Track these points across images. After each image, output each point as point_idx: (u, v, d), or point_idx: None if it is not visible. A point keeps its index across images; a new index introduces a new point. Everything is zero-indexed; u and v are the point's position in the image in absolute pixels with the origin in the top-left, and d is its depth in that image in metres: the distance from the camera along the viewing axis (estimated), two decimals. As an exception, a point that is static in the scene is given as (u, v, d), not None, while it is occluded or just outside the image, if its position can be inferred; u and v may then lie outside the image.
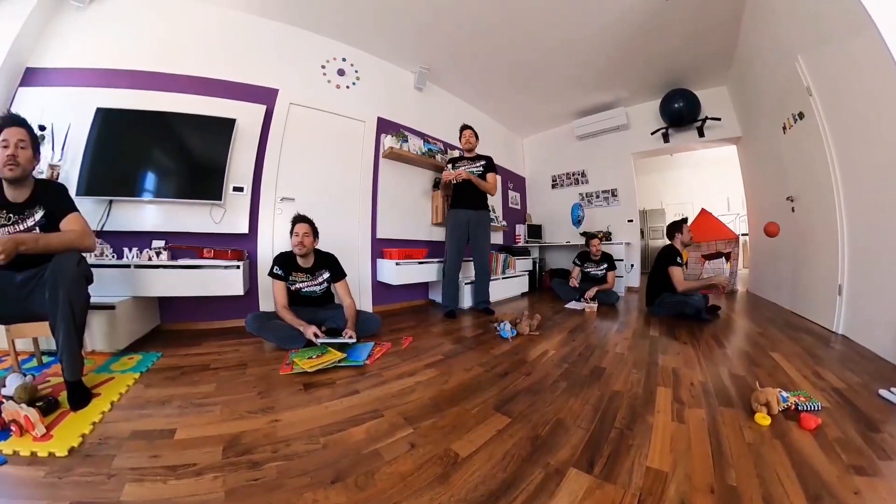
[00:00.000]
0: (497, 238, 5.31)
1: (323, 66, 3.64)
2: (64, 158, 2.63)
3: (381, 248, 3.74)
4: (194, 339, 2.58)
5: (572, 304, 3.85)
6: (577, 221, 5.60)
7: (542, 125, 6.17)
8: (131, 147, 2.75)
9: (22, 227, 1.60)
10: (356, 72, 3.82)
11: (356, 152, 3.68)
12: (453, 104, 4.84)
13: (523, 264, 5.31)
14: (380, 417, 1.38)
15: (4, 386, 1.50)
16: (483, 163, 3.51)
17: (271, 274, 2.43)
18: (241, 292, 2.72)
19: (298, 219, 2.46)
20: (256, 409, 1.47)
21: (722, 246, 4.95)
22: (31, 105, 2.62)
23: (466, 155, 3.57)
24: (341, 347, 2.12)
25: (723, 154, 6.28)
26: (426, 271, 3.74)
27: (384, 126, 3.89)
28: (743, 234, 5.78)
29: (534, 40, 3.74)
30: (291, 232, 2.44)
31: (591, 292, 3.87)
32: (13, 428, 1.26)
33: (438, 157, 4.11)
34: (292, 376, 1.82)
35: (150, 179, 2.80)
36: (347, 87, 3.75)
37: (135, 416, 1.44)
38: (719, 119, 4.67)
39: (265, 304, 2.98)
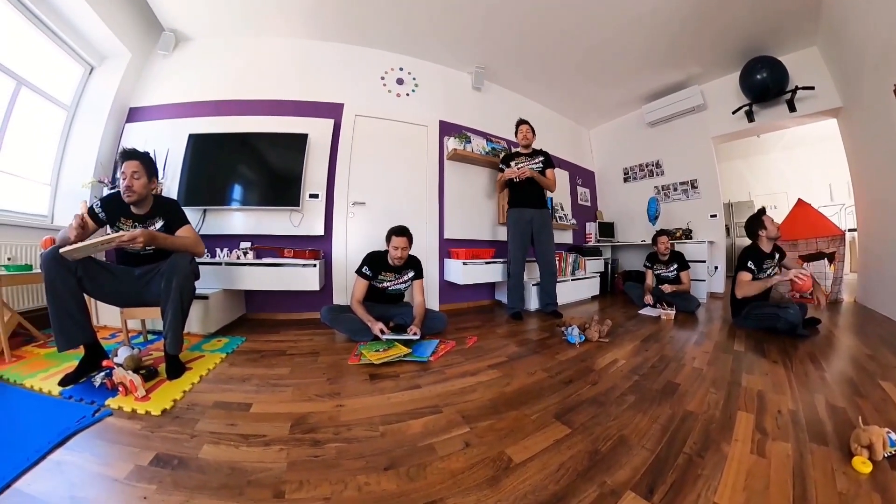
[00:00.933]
0: (566, 237, 5.06)
1: (382, 78, 3.83)
2: (165, 177, 3.19)
3: (448, 248, 3.77)
4: (274, 328, 2.89)
5: (647, 311, 3.52)
6: (654, 218, 4.97)
7: (609, 114, 5.64)
8: (220, 164, 3.24)
9: (151, 227, 1.98)
10: (414, 79, 3.95)
11: (421, 156, 3.79)
12: (513, 101, 4.71)
13: (594, 265, 4.94)
14: (438, 413, 1.39)
15: (116, 355, 1.80)
16: (542, 158, 3.38)
17: (359, 272, 2.55)
18: (317, 288, 2.97)
19: (397, 231, 2.52)
20: (324, 393, 1.59)
21: (824, 245, 4.00)
22: (137, 137, 3.25)
23: (523, 151, 3.47)
24: (407, 343, 2.19)
25: (821, 131, 5.11)
26: (492, 271, 3.69)
27: (446, 129, 3.96)
28: (850, 230, 4.61)
29: (592, 23, 3.47)
30: (389, 242, 2.53)
31: (667, 287, 3.64)
32: (120, 389, 1.57)
33: (503, 155, 4.06)
34: (359, 366, 1.92)
35: (237, 191, 3.26)
36: (407, 94, 3.90)
37: (218, 389, 1.68)
38: (812, 88, 3.75)
39: (339, 299, 3.23)
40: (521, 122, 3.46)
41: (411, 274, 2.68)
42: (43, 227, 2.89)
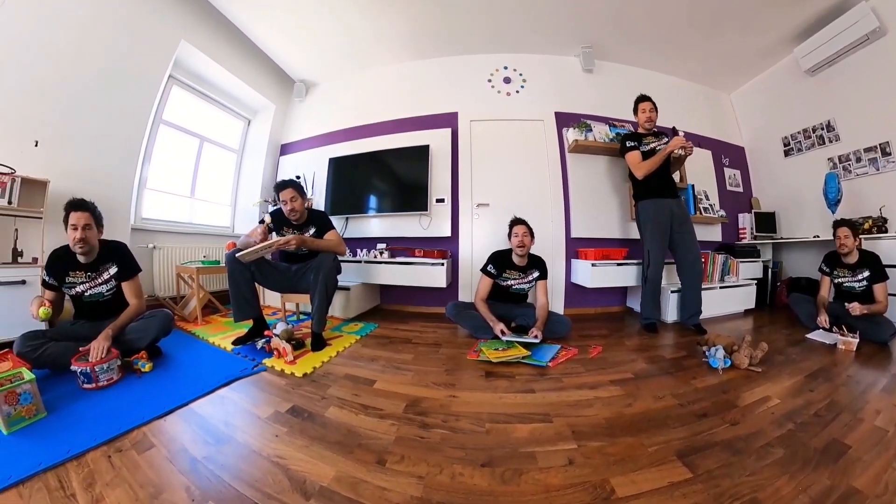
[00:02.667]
0: (712, 233, 4.02)
1: (489, 80, 3.81)
2: (314, 194, 4.07)
3: (575, 247, 3.48)
4: (403, 318, 3.22)
5: (818, 335, 2.53)
6: (835, 202, 3.39)
7: (751, 68, 4.16)
8: (357, 180, 3.87)
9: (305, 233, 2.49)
10: (520, 75, 3.82)
11: (540, 151, 3.62)
12: (631, 76, 3.98)
13: (749, 269, 3.78)
14: (547, 423, 1.33)
15: (275, 328, 2.38)
16: (667, 140, 2.81)
17: (484, 270, 2.58)
18: (444, 285, 3.19)
19: (517, 221, 2.56)
20: (440, 382, 1.71)
21: None
22: (289, 166, 4.38)
23: (646, 132, 2.89)
24: (527, 345, 2.15)
25: None
26: (625, 274, 3.26)
27: (563, 120, 3.66)
28: None
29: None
30: (510, 233, 2.56)
31: (856, 308, 2.45)
32: (275, 353, 2.09)
33: (624, 135, 3.44)
34: (477, 363, 1.98)
35: (373, 200, 3.82)
36: (517, 91, 3.79)
37: (350, 364, 2.01)
38: None
39: (464, 295, 3.38)
40: (640, 99, 2.89)
41: (535, 274, 2.62)
42: (226, 235, 4.22)
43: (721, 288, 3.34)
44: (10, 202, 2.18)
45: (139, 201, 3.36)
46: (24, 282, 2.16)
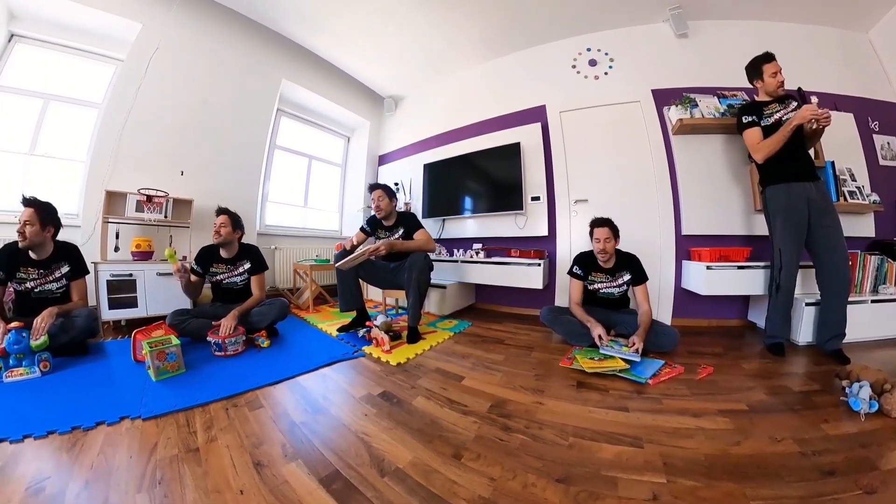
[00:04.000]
0: (862, 226, 2.79)
1: (574, 66, 3.48)
2: (412, 198, 4.38)
3: (687, 247, 2.94)
4: (497, 318, 3.20)
5: None
6: None
7: None
8: (451, 183, 3.98)
9: (394, 236, 2.69)
10: (606, 55, 3.38)
11: (639, 137, 3.15)
12: (734, 32, 3.14)
13: None
14: (637, 448, 1.17)
15: (376, 319, 2.57)
16: (795, 105, 2.18)
17: (570, 272, 2.46)
18: (540, 286, 3.08)
19: (598, 222, 2.34)
20: (528, 387, 1.65)
21: None
22: (388, 175, 4.82)
23: (768, 99, 2.26)
24: (626, 359, 1.92)
25: None
26: (747, 280, 2.61)
27: (662, 97, 3.11)
28: None
29: None
30: (591, 235, 2.36)
31: None
32: (374, 342, 2.31)
33: (740, 107, 2.65)
34: (569, 371, 1.86)
35: (468, 202, 3.87)
36: (605, 73, 3.37)
37: (441, 358, 2.08)
38: None
39: (561, 299, 3.18)
40: (763, 59, 2.24)
41: (626, 276, 2.33)
42: (335, 237, 4.96)
43: (874, 302, 2.40)
44: (165, 216, 3.06)
45: (263, 212, 4.19)
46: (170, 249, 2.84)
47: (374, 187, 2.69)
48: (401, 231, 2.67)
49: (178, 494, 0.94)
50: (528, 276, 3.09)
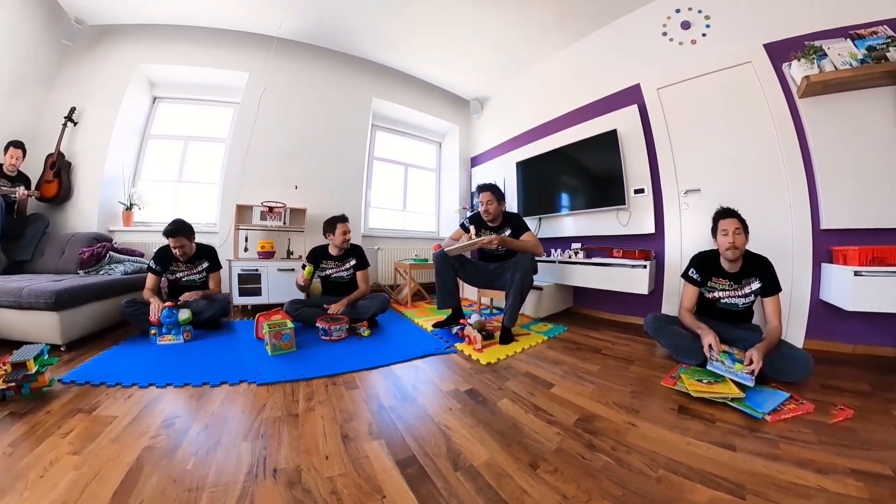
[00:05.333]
0: None
1: (664, 33, 2.95)
2: (506, 198, 4.06)
3: (827, 244, 2.25)
4: (595, 325, 2.98)
5: None
6: None
7: None
8: (545, 179, 3.80)
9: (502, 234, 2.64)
10: (700, 13, 2.76)
11: (756, 107, 2.50)
12: None
13: None
14: (738, 497, 0.94)
15: (470, 318, 2.56)
16: None
17: (686, 276, 2.07)
18: (644, 291, 2.74)
19: (725, 213, 1.94)
20: (622, 404, 1.49)
21: None
22: (481, 176, 4.78)
23: None
24: (742, 386, 1.57)
25: None
26: None
27: (779, 52, 2.39)
28: None
29: None
30: (715, 230, 1.95)
31: None
32: (466, 339, 2.34)
33: (893, 51, 1.97)
34: (671, 391, 1.61)
35: (565, 198, 3.65)
36: (702, 34, 2.76)
37: (532, 363, 2.02)
38: None
39: (669, 307, 2.79)
40: None
41: (755, 285, 1.87)
42: (432, 238, 5.14)
43: None
44: (284, 223, 3.71)
45: (366, 217, 4.71)
46: (293, 269, 3.32)
47: (483, 188, 2.67)
48: (507, 232, 2.64)
49: (275, 448, 1.15)
50: (631, 279, 2.78)
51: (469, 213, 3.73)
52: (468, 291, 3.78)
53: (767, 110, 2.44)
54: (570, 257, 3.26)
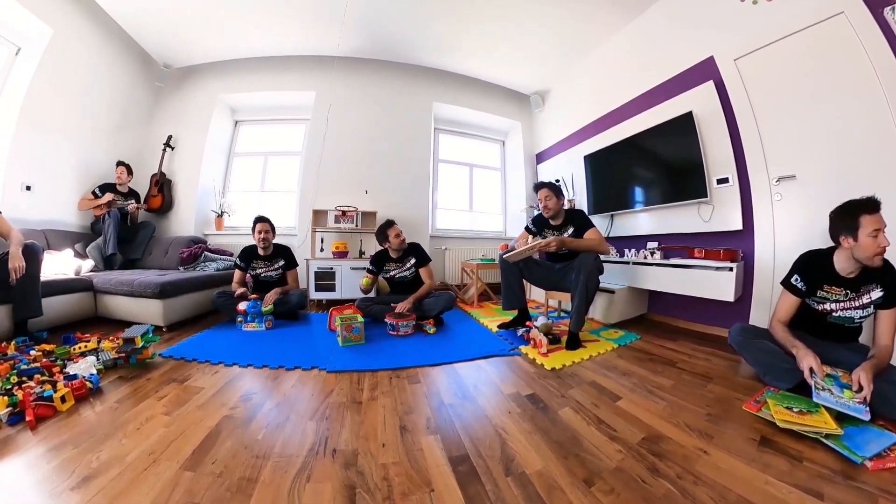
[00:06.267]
0: None
1: None
2: (575, 194, 4.10)
3: None
4: (671, 334, 2.68)
5: None
6: None
7: None
8: (616, 172, 3.51)
9: (563, 235, 2.55)
10: None
11: (856, 65, 1.97)
12: None
13: None
14: None
15: (536, 320, 2.49)
16: None
17: (787, 283, 1.70)
18: (730, 298, 2.36)
19: (868, 206, 1.45)
20: (695, 427, 1.29)
21: None
22: (547, 172, 4.60)
23: None
24: (841, 415, 1.28)
25: None
26: None
27: None
28: None
29: None
30: (846, 228, 1.50)
31: None
32: (531, 342, 2.27)
33: None
34: (754, 418, 1.37)
35: (638, 192, 3.33)
36: None
37: (599, 371, 1.89)
38: None
39: (758, 317, 2.42)
40: None
41: (876, 294, 1.51)
42: (499, 238, 5.13)
43: None
44: (356, 225, 4.04)
45: (434, 218, 4.80)
46: (364, 268, 3.48)
47: (539, 186, 2.61)
48: (570, 230, 2.55)
49: (337, 431, 1.25)
50: (714, 283, 2.43)
51: (536, 212, 3.63)
52: (536, 293, 3.68)
53: (871, 68, 1.94)
54: (644, 258, 2.95)
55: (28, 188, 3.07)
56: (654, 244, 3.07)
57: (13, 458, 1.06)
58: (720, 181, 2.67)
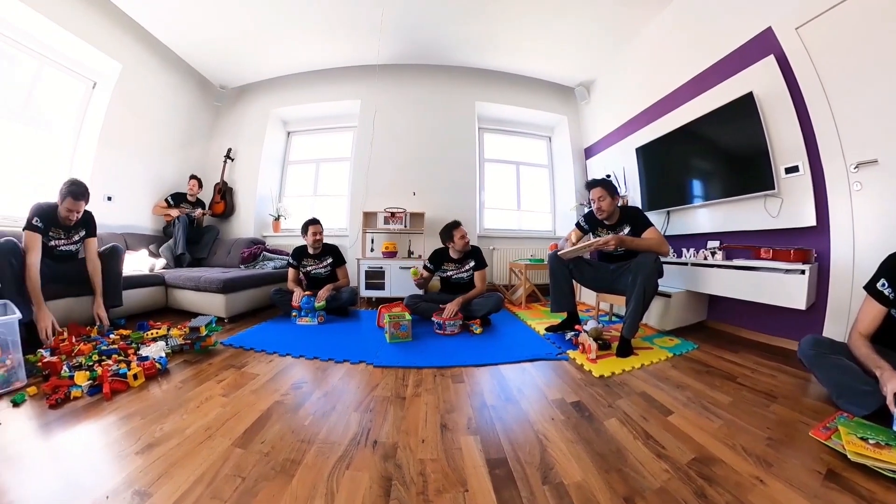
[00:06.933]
0: None
1: None
2: (628, 190, 3.85)
3: None
4: (732, 345, 2.42)
5: None
6: None
7: None
8: (671, 164, 3.26)
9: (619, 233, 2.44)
10: None
11: None
12: None
13: None
14: None
15: (586, 324, 2.35)
16: None
17: (871, 289, 1.46)
18: (801, 306, 2.08)
19: None
20: (752, 451, 1.15)
21: None
22: (597, 167, 4.44)
23: None
24: None
25: None
26: None
27: None
28: None
29: None
30: None
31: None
32: (580, 347, 2.15)
33: None
34: (822, 447, 1.18)
35: (696, 186, 3.05)
36: None
37: (651, 382, 1.77)
38: None
39: (833, 327, 2.12)
40: None
41: None
42: (549, 237, 4.94)
43: None
44: (405, 226, 4.16)
45: (481, 218, 4.85)
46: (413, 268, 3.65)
47: (591, 184, 2.46)
48: (626, 229, 2.41)
49: (379, 423, 1.32)
50: (783, 287, 2.15)
51: (586, 210, 3.47)
52: (586, 295, 3.57)
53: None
54: (704, 258, 2.70)
55: (109, 198, 3.67)
56: (716, 243, 2.82)
57: (90, 423, 1.29)
58: (789, 170, 2.36)
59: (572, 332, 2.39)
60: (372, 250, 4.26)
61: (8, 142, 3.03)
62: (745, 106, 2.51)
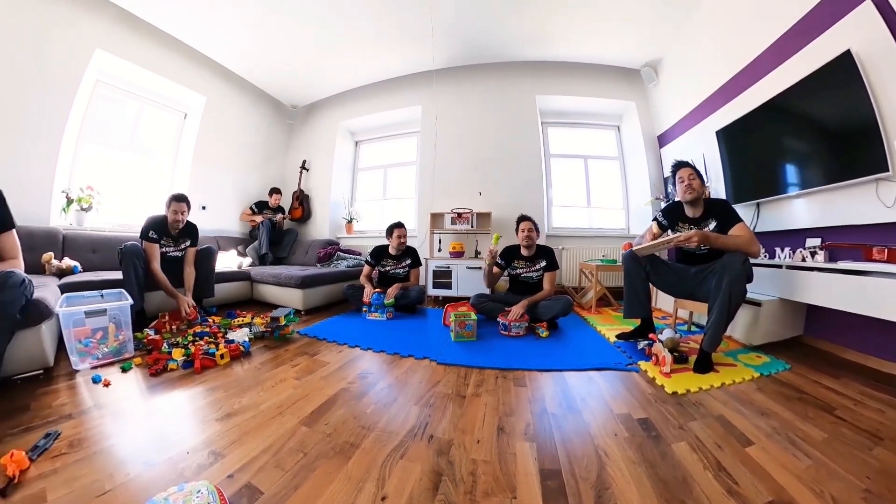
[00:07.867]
0: None
1: None
2: (710, 180, 3.38)
3: None
4: (832, 369, 2.03)
5: None
6: None
7: None
8: (757, 148, 2.82)
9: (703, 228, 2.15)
10: None
11: None
12: None
13: None
14: None
15: (661, 333, 2.12)
16: None
17: None
18: None
19: None
20: (850, 501, 0.94)
21: None
22: (672, 155, 3.81)
23: None
24: None
25: None
26: None
27: None
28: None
29: None
30: None
31: None
32: (653, 358, 2.02)
33: None
34: None
35: (790, 171, 2.59)
36: None
37: (730, 405, 1.53)
38: None
39: None
40: None
41: None
42: (622, 236, 4.55)
43: None
44: (472, 227, 4.26)
45: (549, 216, 4.71)
46: (480, 268, 3.70)
47: (679, 165, 2.24)
48: (712, 225, 2.13)
49: (438, 418, 1.37)
50: None
51: (664, 204, 3.23)
52: (662, 300, 3.28)
53: None
54: (802, 260, 2.26)
55: (204, 208, 4.45)
56: (816, 241, 2.39)
57: (182, 391, 1.57)
58: (906, 145, 1.91)
59: (645, 342, 2.20)
60: (439, 250, 4.41)
61: (122, 168, 3.91)
62: (843, 68, 2.09)
